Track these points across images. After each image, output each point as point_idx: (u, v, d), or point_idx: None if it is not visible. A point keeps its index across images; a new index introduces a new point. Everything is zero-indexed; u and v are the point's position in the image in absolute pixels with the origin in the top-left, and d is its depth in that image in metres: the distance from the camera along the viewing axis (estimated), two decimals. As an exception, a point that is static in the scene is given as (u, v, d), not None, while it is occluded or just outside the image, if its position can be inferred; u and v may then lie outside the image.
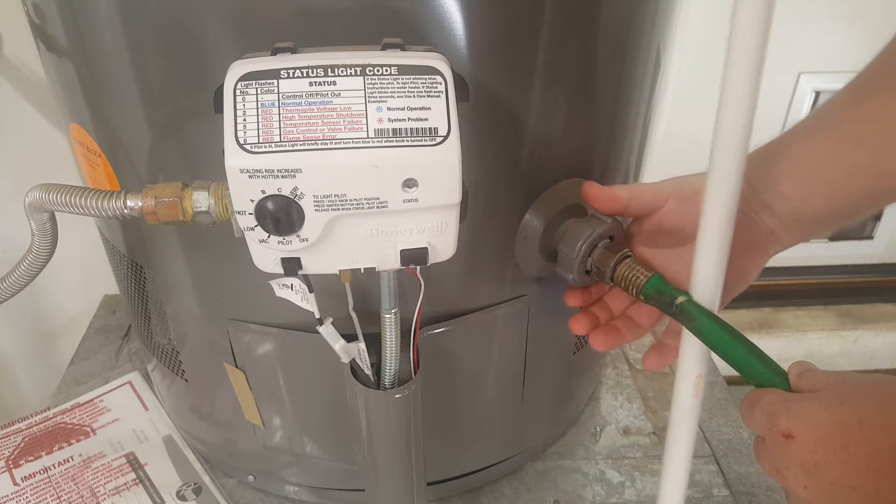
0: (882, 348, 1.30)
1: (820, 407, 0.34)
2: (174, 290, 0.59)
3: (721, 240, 0.40)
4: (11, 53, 0.84)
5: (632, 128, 0.58)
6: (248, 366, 0.59)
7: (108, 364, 0.90)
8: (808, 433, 0.34)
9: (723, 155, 0.38)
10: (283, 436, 0.64)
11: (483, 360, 0.61)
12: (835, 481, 0.33)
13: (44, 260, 0.46)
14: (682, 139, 0.86)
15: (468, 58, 0.44)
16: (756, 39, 0.34)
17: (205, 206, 0.39)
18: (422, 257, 0.38)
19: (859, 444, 0.33)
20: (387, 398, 0.48)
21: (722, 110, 0.37)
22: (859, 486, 0.32)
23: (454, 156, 0.35)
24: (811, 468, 0.34)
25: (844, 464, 0.33)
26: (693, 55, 0.77)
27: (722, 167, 0.38)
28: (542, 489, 0.72)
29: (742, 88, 0.36)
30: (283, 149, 0.34)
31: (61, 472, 0.73)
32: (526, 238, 0.53)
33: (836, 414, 0.34)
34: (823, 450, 0.33)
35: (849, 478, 0.33)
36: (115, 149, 0.52)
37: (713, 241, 0.40)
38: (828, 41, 0.92)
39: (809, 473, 0.34)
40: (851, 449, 0.33)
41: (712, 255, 0.40)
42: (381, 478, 0.54)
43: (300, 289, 0.44)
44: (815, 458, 0.34)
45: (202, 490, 0.71)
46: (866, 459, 0.32)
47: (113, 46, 0.45)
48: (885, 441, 0.32)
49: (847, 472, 0.33)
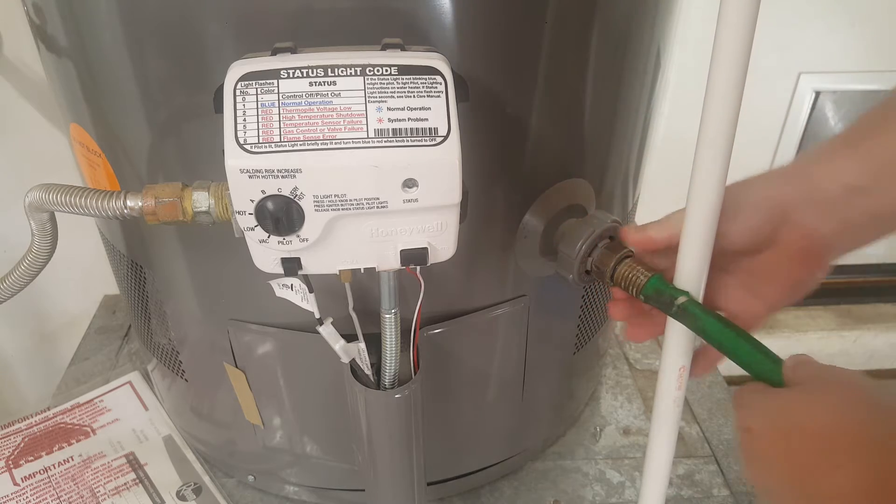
0: (882, 348, 1.30)
1: (779, 401, 0.34)
2: (174, 290, 0.59)
3: (705, 235, 0.40)
4: (11, 53, 0.84)
5: (632, 128, 0.58)
6: (248, 366, 0.59)
7: (108, 364, 0.90)
8: (761, 427, 0.34)
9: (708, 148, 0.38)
10: (283, 436, 0.64)
11: (483, 360, 0.61)
12: (780, 476, 0.33)
13: (44, 260, 0.46)
14: (682, 139, 0.86)
15: (469, 58, 0.44)
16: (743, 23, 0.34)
17: (205, 206, 0.39)
18: (422, 257, 0.38)
19: (802, 441, 0.32)
20: (387, 398, 0.48)
21: (708, 102, 0.37)
22: (797, 483, 0.32)
23: (454, 156, 0.35)
24: (761, 461, 0.34)
25: (786, 460, 0.33)
26: (693, 55, 0.77)
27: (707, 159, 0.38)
28: (542, 489, 0.72)
29: (727, 82, 0.36)
30: (283, 149, 0.34)
31: (61, 472, 0.73)
32: (526, 238, 0.53)
33: (788, 409, 0.34)
34: (770, 444, 0.34)
35: (790, 474, 0.33)
36: (115, 149, 0.52)
37: (697, 235, 0.40)
38: (828, 41, 0.92)
39: (759, 467, 0.34)
40: (794, 445, 0.33)
41: (696, 250, 0.41)
42: (381, 478, 0.54)
43: (300, 289, 0.44)
44: (764, 451, 0.34)
45: (202, 490, 0.71)
46: (806, 455, 0.32)
47: (113, 46, 0.45)
48: (826, 442, 0.32)
49: (788, 469, 0.33)
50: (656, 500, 0.50)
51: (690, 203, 0.40)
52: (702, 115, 0.37)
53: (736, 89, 0.36)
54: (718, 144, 0.37)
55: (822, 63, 0.94)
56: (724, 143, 0.37)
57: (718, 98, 0.36)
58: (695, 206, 0.39)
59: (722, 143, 0.37)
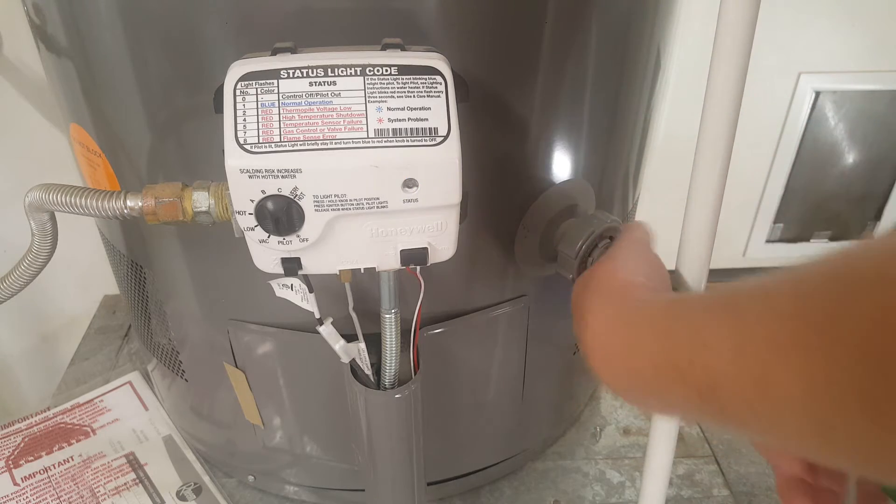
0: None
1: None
2: (174, 290, 0.59)
3: (706, 235, 0.40)
4: (11, 53, 0.84)
5: (632, 128, 0.58)
6: (248, 366, 0.59)
7: (108, 364, 0.90)
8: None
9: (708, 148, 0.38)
10: (283, 436, 0.64)
11: (483, 360, 0.61)
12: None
13: (44, 260, 0.46)
14: (682, 139, 0.86)
15: (468, 58, 0.44)
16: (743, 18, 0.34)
17: (205, 206, 0.39)
18: (422, 257, 0.38)
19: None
20: (387, 398, 0.48)
21: (708, 102, 0.37)
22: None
23: (454, 156, 0.35)
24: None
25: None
26: (693, 55, 0.77)
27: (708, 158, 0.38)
28: (542, 489, 0.72)
29: (728, 82, 0.36)
30: (283, 149, 0.34)
31: (61, 472, 0.73)
32: (526, 238, 0.53)
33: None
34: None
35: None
36: (115, 149, 0.52)
37: (697, 235, 0.40)
38: (828, 41, 0.92)
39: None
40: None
41: (696, 251, 0.41)
42: (381, 478, 0.54)
43: (300, 289, 0.44)
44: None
45: (202, 490, 0.71)
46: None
47: (113, 46, 0.45)
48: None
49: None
50: (657, 500, 0.50)
51: (690, 203, 0.40)
52: (702, 115, 0.37)
53: (736, 89, 0.36)
54: (719, 144, 0.37)
55: (822, 63, 0.94)
56: (724, 143, 0.37)
57: (719, 98, 0.36)
58: (695, 206, 0.39)
59: (722, 144, 0.37)
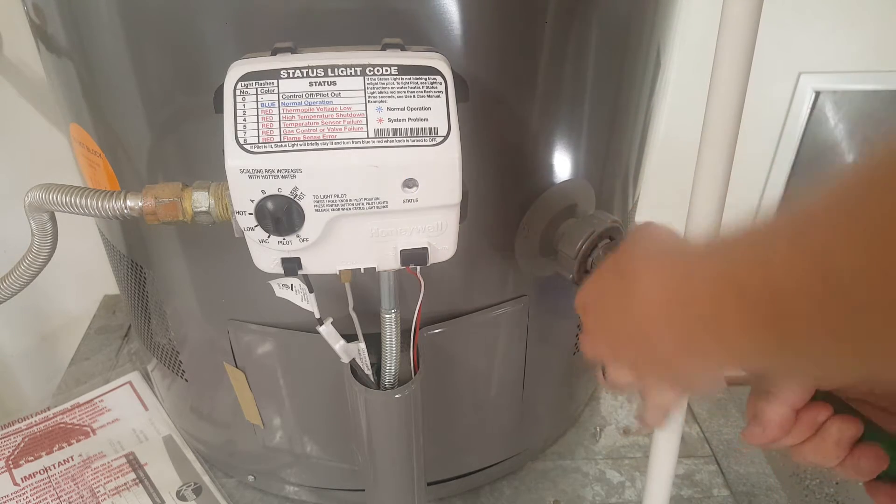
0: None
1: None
2: (174, 290, 0.59)
3: (714, 211, 0.40)
4: (11, 53, 0.84)
5: (632, 128, 0.58)
6: (248, 366, 0.59)
7: (108, 364, 0.90)
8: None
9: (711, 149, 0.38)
10: (283, 436, 0.64)
11: (483, 360, 0.61)
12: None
13: (44, 260, 0.46)
14: (682, 139, 0.86)
15: (468, 58, 0.44)
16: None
17: (205, 206, 0.39)
18: (422, 257, 0.38)
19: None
20: (387, 398, 0.48)
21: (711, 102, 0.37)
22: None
23: (454, 156, 0.35)
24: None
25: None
26: (693, 55, 0.77)
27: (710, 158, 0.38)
28: (542, 489, 0.72)
29: (730, 82, 0.36)
30: (283, 149, 0.34)
31: (61, 472, 0.73)
32: (526, 238, 0.53)
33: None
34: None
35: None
36: (115, 149, 0.52)
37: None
38: (828, 41, 0.92)
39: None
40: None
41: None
42: (381, 478, 0.54)
43: (300, 289, 0.44)
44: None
45: (202, 490, 0.71)
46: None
47: (113, 46, 0.45)
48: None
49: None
50: (660, 500, 0.49)
51: (693, 203, 0.40)
52: (705, 115, 0.37)
53: (739, 89, 0.36)
54: (721, 144, 0.37)
55: (822, 63, 0.94)
56: (727, 142, 0.37)
57: (721, 98, 0.36)
58: (698, 206, 0.39)
59: (725, 143, 0.37)
